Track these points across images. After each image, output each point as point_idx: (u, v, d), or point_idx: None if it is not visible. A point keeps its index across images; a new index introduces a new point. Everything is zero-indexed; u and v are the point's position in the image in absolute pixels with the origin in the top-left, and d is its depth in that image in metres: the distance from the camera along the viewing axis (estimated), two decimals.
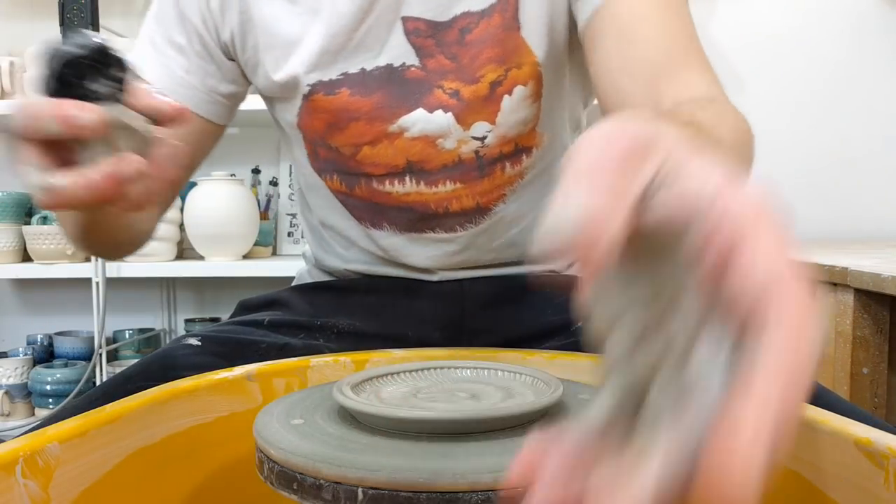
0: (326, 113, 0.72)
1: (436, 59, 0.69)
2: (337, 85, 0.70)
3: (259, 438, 0.40)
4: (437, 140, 0.70)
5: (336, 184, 0.76)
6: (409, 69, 0.69)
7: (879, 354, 1.09)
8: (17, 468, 0.37)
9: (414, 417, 0.39)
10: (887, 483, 0.36)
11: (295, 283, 0.88)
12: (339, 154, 0.73)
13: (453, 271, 0.77)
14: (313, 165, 0.77)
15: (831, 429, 0.40)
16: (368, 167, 0.72)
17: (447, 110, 0.69)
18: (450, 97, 0.69)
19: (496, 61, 0.68)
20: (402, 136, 0.70)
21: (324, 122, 0.72)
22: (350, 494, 0.35)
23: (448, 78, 0.69)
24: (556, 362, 0.59)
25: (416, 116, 0.69)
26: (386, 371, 0.48)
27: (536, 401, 0.41)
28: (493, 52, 0.68)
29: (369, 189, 0.74)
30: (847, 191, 1.94)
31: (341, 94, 0.70)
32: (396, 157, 0.71)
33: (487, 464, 0.35)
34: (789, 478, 0.43)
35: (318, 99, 0.71)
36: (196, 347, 0.65)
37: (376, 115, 0.70)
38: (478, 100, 0.69)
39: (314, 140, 0.74)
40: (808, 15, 1.91)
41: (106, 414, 0.44)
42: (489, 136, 0.70)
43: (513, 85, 0.69)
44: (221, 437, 0.52)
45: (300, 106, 0.73)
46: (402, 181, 0.72)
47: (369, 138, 0.71)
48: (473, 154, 0.71)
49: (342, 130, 0.71)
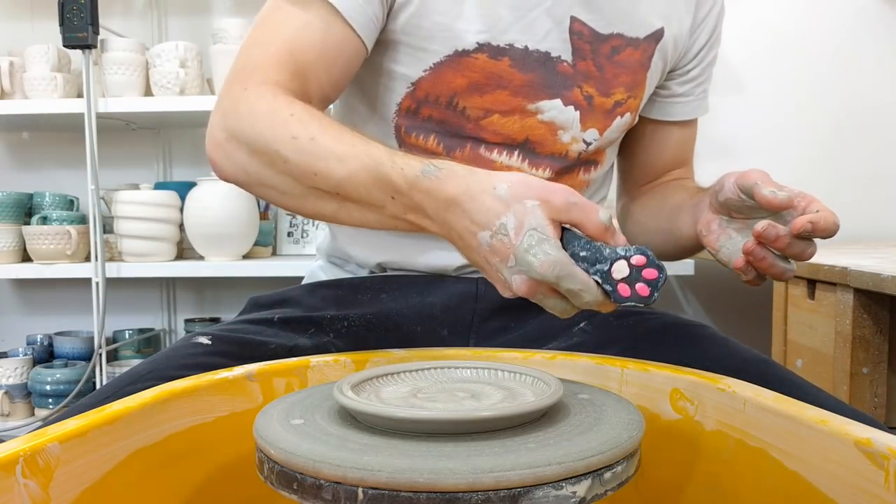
0: (478, 73, 0.73)
1: (586, 62, 0.76)
2: (502, 52, 0.74)
3: (259, 438, 0.40)
4: (558, 130, 0.77)
5: (431, 144, 0.76)
6: (562, 63, 0.76)
7: (879, 354, 1.08)
8: (17, 468, 0.37)
9: (414, 417, 0.39)
10: (887, 483, 0.36)
11: (306, 282, 0.88)
12: (461, 116, 0.75)
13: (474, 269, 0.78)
14: (402, 123, 0.76)
15: (831, 429, 0.40)
16: (489, 134, 0.76)
17: (577, 108, 0.77)
18: (584, 98, 0.77)
19: (626, 86, 0.79)
20: (534, 117, 0.76)
21: (468, 80, 0.74)
22: (350, 494, 0.35)
23: (589, 83, 0.77)
24: (556, 362, 0.59)
25: (553, 104, 0.76)
26: (386, 371, 0.48)
27: (536, 401, 0.41)
28: (627, 78, 0.78)
29: (474, 154, 0.76)
30: (847, 191, 1.94)
31: (503, 61, 0.74)
32: (520, 133, 0.76)
33: (487, 464, 0.35)
34: (789, 478, 0.43)
35: (478, 58, 0.73)
36: (206, 346, 0.64)
37: (522, 91, 0.75)
38: (602, 110, 0.78)
39: (432, 96, 0.74)
40: (807, 14, 1.92)
41: (106, 414, 0.44)
42: (594, 143, 0.79)
43: (627, 110, 0.80)
44: (221, 437, 0.52)
45: (444, 57, 0.73)
46: (510, 154, 0.77)
47: (506, 108, 0.75)
48: (577, 154, 0.79)
49: (483, 94, 0.74)
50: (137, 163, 2.06)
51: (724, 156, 1.89)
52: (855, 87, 1.92)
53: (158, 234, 1.75)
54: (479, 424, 0.39)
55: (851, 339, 1.08)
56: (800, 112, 1.94)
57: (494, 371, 0.49)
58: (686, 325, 0.69)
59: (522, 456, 0.36)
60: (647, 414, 0.51)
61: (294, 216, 1.95)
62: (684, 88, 0.85)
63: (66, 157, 2.07)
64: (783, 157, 1.94)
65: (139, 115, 1.81)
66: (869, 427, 0.39)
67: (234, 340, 0.66)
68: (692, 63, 0.84)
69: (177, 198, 1.76)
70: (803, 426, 0.42)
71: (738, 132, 1.92)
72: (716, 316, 2.01)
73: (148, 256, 1.76)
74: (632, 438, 0.39)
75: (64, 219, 1.79)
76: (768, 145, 1.94)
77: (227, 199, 1.70)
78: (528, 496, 0.35)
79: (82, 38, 1.64)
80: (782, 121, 1.94)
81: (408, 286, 0.78)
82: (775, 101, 1.93)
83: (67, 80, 1.80)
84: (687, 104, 0.86)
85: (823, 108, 1.93)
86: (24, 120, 1.89)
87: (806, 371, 1.22)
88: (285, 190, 0.65)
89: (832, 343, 1.13)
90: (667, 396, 0.53)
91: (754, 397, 0.47)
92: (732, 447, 0.48)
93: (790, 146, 1.94)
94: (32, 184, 2.01)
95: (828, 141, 1.94)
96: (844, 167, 1.94)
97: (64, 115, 1.76)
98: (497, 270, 0.52)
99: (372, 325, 0.74)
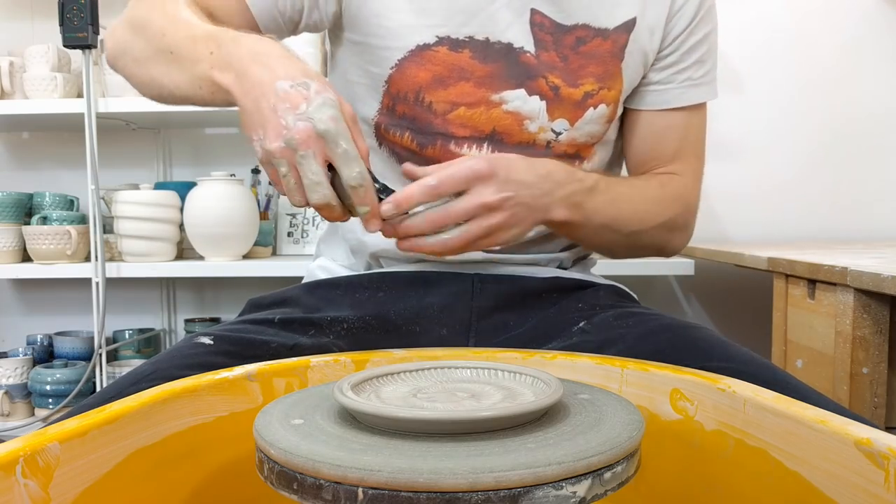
0: (440, 66, 0.76)
1: (549, 54, 0.77)
2: (461, 45, 0.76)
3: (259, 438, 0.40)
4: (524, 120, 0.78)
5: (406, 141, 0.79)
6: (525, 54, 0.77)
7: (879, 354, 1.08)
8: (17, 468, 0.37)
9: (414, 417, 0.39)
10: (887, 483, 0.36)
11: (305, 282, 0.88)
12: (428, 111, 0.77)
13: (469, 264, 0.80)
14: (381, 121, 0.80)
15: (831, 429, 0.40)
16: (456, 128, 0.77)
17: (543, 98, 0.78)
18: (550, 89, 0.78)
19: (597, 77, 0.79)
20: (498, 107, 0.77)
21: (432, 73, 0.76)
22: (350, 494, 0.35)
23: (554, 73, 0.78)
24: (556, 362, 0.59)
25: (517, 94, 0.77)
26: (386, 371, 0.48)
27: (536, 401, 0.41)
28: (598, 69, 0.79)
29: (444, 150, 0.78)
30: (847, 191, 1.94)
31: (463, 53, 0.76)
32: (486, 124, 0.78)
33: (487, 464, 0.35)
34: (789, 478, 0.43)
35: (439, 51, 0.75)
36: (208, 346, 0.65)
37: (485, 82, 0.76)
38: (570, 101, 0.78)
39: (402, 93, 0.77)
40: (807, 14, 1.92)
41: (106, 414, 0.44)
42: (564, 133, 0.79)
43: (600, 101, 0.79)
44: (221, 437, 0.52)
45: (408, 53, 0.76)
46: (479, 147, 0.78)
47: (471, 100, 0.77)
48: (545, 143, 0.79)
49: (447, 87, 0.76)
50: (137, 163, 2.06)
51: (723, 156, 1.89)
52: (856, 87, 1.92)
53: (158, 234, 1.75)
54: (479, 424, 0.39)
55: (851, 340, 1.08)
56: (800, 112, 1.93)
57: (494, 371, 0.49)
58: (684, 327, 0.70)
59: (522, 456, 0.36)
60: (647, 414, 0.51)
61: (294, 216, 1.95)
62: (661, 76, 0.83)
63: (66, 157, 2.07)
64: (783, 156, 1.94)
65: (139, 115, 1.81)
66: (869, 427, 0.39)
67: (235, 340, 0.67)
68: (668, 49, 0.83)
69: (177, 198, 1.76)
70: (803, 426, 0.42)
71: (737, 132, 1.92)
72: (716, 316, 2.01)
73: (148, 256, 1.76)
74: (632, 438, 0.39)
75: (64, 219, 1.79)
76: (768, 145, 1.94)
77: (227, 199, 1.70)
78: (528, 496, 0.35)
79: (82, 38, 1.64)
80: (782, 121, 1.94)
81: (404, 284, 0.79)
82: (775, 101, 1.93)
83: (67, 80, 1.80)
84: (665, 92, 0.84)
85: (824, 108, 1.93)
86: (24, 120, 1.89)
87: (806, 371, 1.22)
88: (138, 55, 0.73)
89: (832, 343, 1.13)
90: (667, 396, 0.53)
91: (754, 397, 0.47)
92: (732, 447, 0.48)
93: (790, 146, 1.94)
94: (32, 184, 2.01)
95: (828, 141, 1.94)
96: (845, 167, 1.94)
97: (64, 115, 1.76)
98: (280, 116, 0.58)
99: (371, 326, 0.75)
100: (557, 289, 0.80)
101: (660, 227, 0.82)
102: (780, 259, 1.29)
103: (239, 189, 1.74)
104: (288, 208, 1.96)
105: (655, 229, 0.82)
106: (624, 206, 0.79)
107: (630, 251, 0.85)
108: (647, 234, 0.82)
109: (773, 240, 1.93)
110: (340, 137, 0.57)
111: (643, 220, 0.81)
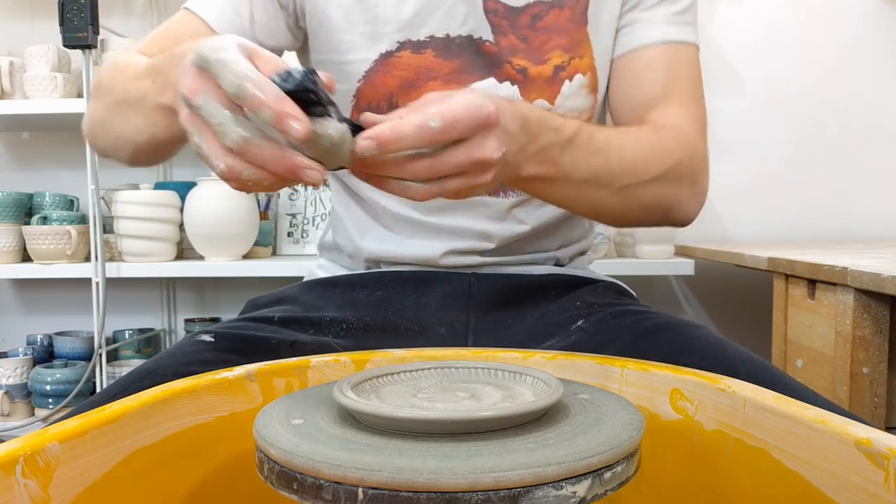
0: (405, 70, 0.76)
1: (508, 38, 0.76)
2: (423, 46, 0.75)
3: (259, 438, 0.40)
4: None
5: None
6: (485, 43, 0.76)
7: (879, 354, 1.08)
8: (17, 468, 0.37)
9: (414, 417, 0.39)
10: (887, 483, 0.36)
11: (304, 280, 0.88)
12: None
13: (464, 255, 0.79)
14: None
15: (831, 429, 0.40)
16: None
17: (514, 83, 0.76)
18: (517, 73, 0.76)
19: (562, 48, 0.77)
20: None
21: (399, 79, 0.76)
22: (350, 494, 0.35)
23: (518, 56, 0.76)
24: (556, 362, 0.59)
25: (487, 84, 0.76)
26: (386, 371, 0.48)
27: (536, 401, 0.41)
28: (561, 41, 0.76)
29: None
30: (847, 191, 1.94)
31: (426, 53, 0.75)
32: None
33: (487, 464, 0.35)
34: (789, 478, 0.43)
35: (402, 56, 0.75)
36: (209, 344, 0.66)
37: (453, 78, 0.76)
38: (542, 79, 0.76)
39: (373, 104, 0.77)
40: (807, 15, 1.92)
41: (106, 414, 0.44)
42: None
43: (574, 72, 0.77)
44: (221, 437, 0.52)
45: (373, 64, 0.76)
46: None
47: None
48: None
49: (417, 89, 0.75)
50: None
51: (723, 155, 1.89)
52: (856, 86, 1.92)
53: (158, 234, 1.75)
54: (479, 424, 0.39)
55: (851, 339, 1.08)
56: (800, 112, 1.94)
57: (494, 371, 0.49)
58: (683, 325, 0.70)
59: (522, 456, 0.36)
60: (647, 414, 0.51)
61: (294, 216, 1.95)
62: (629, 18, 0.79)
63: (66, 157, 2.07)
64: (783, 156, 1.94)
65: None
66: (869, 427, 0.39)
67: (236, 337, 0.67)
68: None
69: (177, 198, 1.76)
70: (803, 426, 0.42)
71: (737, 131, 1.93)
72: (716, 316, 2.01)
73: (148, 256, 1.76)
74: (632, 438, 0.39)
75: (64, 219, 1.79)
76: (768, 145, 1.94)
77: (227, 199, 1.70)
78: (528, 496, 0.35)
79: (82, 38, 1.64)
80: (782, 121, 1.94)
81: (402, 283, 0.79)
82: (775, 101, 1.93)
83: (67, 80, 1.80)
84: (634, 31, 0.78)
85: (824, 109, 1.93)
86: (24, 120, 1.89)
87: (806, 371, 1.22)
88: (100, 117, 0.70)
89: (832, 343, 1.13)
90: (667, 396, 0.53)
91: (754, 397, 0.47)
92: (732, 447, 0.48)
93: (790, 146, 1.94)
94: (32, 184, 2.01)
95: (828, 141, 1.94)
96: (845, 167, 1.94)
97: (64, 115, 1.76)
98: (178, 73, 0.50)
99: (370, 326, 0.75)
100: (555, 286, 0.80)
101: (660, 180, 0.71)
102: (780, 259, 1.29)
103: None
104: (288, 208, 1.96)
105: (654, 183, 0.70)
106: (612, 156, 0.67)
107: (628, 214, 0.73)
108: (645, 189, 0.70)
109: (773, 240, 1.93)
110: (220, 55, 0.46)
111: (637, 171, 0.69)
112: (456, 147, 0.52)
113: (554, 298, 0.78)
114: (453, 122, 0.50)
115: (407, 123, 0.49)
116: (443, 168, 0.52)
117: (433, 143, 0.50)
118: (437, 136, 0.50)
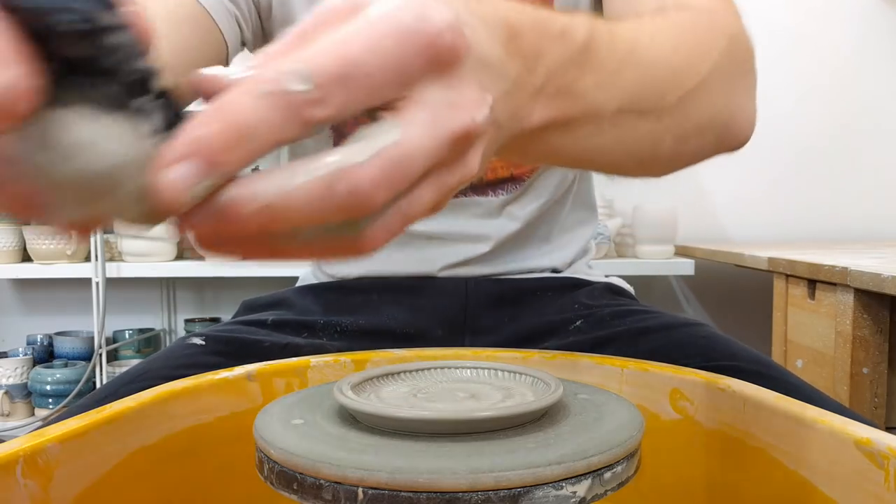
0: None
1: None
2: None
3: (259, 438, 0.40)
4: None
5: None
6: None
7: (879, 354, 1.09)
8: (17, 468, 0.37)
9: (414, 417, 0.39)
10: (887, 483, 0.36)
11: (299, 284, 0.88)
12: None
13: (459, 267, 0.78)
14: None
15: (831, 429, 0.40)
16: None
17: None
18: None
19: None
20: None
21: None
22: (350, 494, 0.35)
23: None
24: (556, 362, 0.59)
25: None
26: (386, 371, 0.48)
27: (536, 401, 0.41)
28: None
29: None
30: (847, 191, 1.94)
31: None
32: None
33: (487, 464, 0.35)
34: (789, 478, 0.43)
35: None
36: (200, 347, 0.65)
37: None
38: None
39: None
40: (807, 15, 1.92)
41: (106, 414, 0.44)
42: None
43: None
44: (221, 437, 0.52)
45: None
46: None
47: None
48: None
49: None
50: None
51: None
52: (856, 87, 1.92)
53: (158, 233, 1.75)
54: (479, 424, 0.39)
55: (851, 340, 1.08)
56: (800, 112, 1.94)
57: (494, 371, 0.49)
58: (684, 324, 0.69)
59: (522, 456, 0.36)
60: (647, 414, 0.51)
61: None
62: None
63: None
64: (783, 157, 1.94)
65: None
66: (869, 427, 0.39)
67: (227, 340, 0.67)
68: None
69: None
70: (803, 426, 0.42)
71: None
72: (716, 316, 2.01)
73: (148, 256, 1.76)
74: (632, 438, 0.39)
75: None
76: (768, 145, 1.94)
77: None
78: (528, 496, 0.35)
79: None
80: (782, 121, 1.94)
81: (397, 287, 0.78)
82: (775, 101, 1.93)
83: None
84: None
85: (824, 109, 1.93)
86: None
87: (806, 371, 1.22)
88: None
89: (832, 343, 1.13)
90: (667, 396, 0.53)
91: (754, 397, 0.47)
92: (732, 447, 0.48)
93: (790, 146, 1.94)
94: None
95: (828, 141, 1.94)
96: (844, 167, 1.94)
97: None
98: None
99: (365, 330, 0.74)
100: (552, 288, 0.80)
101: (708, 84, 0.47)
102: (780, 259, 1.29)
103: None
104: None
105: (704, 89, 0.47)
106: (646, 60, 0.42)
107: (681, 150, 0.49)
108: (695, 101, 0.46)
109: (773, 240, 1.93)
110: None
111: (682, 75, 0.45)
112: (389, 122, 0.26)
113: (551, 300, 0.78)
114: (357, 79, 0.25)
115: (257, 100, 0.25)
116: (389, 181, 0.26)
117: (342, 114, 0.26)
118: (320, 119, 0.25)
